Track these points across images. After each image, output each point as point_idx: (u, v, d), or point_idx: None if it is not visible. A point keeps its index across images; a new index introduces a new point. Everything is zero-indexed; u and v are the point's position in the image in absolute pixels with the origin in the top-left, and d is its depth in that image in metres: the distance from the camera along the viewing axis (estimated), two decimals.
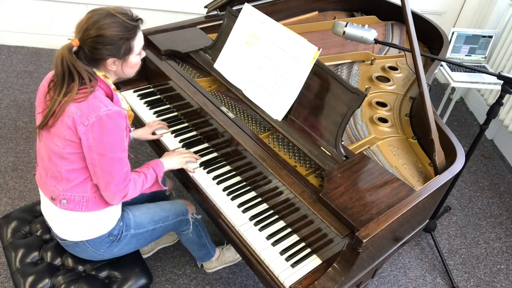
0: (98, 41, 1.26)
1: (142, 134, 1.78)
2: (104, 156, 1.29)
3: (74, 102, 1.26)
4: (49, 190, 1.40)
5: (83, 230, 1.43)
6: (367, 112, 1.80)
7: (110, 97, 1.35)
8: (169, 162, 1.58)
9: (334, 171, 1.36)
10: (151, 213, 1.59)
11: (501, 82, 1.66)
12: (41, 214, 1.69)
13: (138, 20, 1.35)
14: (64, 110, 1.27)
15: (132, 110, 1.91)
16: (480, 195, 2.68)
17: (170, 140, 1.77)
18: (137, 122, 1.90)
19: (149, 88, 2.03)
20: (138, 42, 1.36)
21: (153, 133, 1.79)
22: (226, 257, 2.05)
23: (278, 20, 1.66)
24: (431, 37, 2.37)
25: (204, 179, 1.61)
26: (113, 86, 1.39)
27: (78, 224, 1.42)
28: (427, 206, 1.52)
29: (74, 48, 1.28)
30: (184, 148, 1.73)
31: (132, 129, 1.72)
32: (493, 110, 1.78)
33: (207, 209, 1.59)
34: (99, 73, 1.35)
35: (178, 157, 1.61)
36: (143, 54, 1.42)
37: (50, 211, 1.46)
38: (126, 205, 1.59)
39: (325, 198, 1.27)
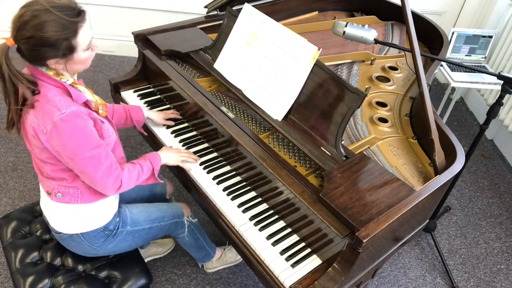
0: (33, 42, 1.14)
1: (155, 117, 1.78)
2: (74, 159, 1.25)
3: (29, 109, 1.21)
4: (44, 185, 1.41)
5: (78, 223, 1.43)
6: (367, 112, 1.80)
7: (68, 94, 1.25)
8: (166, 156, 1.58)
9: (334, 171, 1.36)
10: (148, 211, 1.59)
11: (501, 82, 1.66)
12: (40, 214, 1.69)
13: (80, 14, 1.18)
14: (23, 119, 1.24)
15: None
16: (480, 195, 2.68)
17: (170, 140, 1.77)
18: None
19: (149, 88, 2.03)
20: (83, 38, 1.20)
21: (167, 127, 1.81)
22: (227, 257, 2.05)
23: (278, 20, 1.66)
24: (431, 37, 2.37)
25: (204, 179, 1.61)
26: (70, 81, 1.27)
27: (73, 216, 1.42)
28: (427, 206, 1.51)
29: (12, 47, 1.16)
30: (184, 148, 1.73)
31: (145, 108, 1.72)
32: (493, 110, 1.78)
33: (207, 209, 1.59)
34: (49, 72, 1.23)
35: (176, 154, 1.61)
36: (95, 47, 1.28)
37: (47, 205, 1.46)
38: (123, 202, 1.59)
39: (325, 198, 1.27)
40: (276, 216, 1.51)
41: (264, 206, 1.54)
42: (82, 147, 1.24)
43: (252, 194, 1.58)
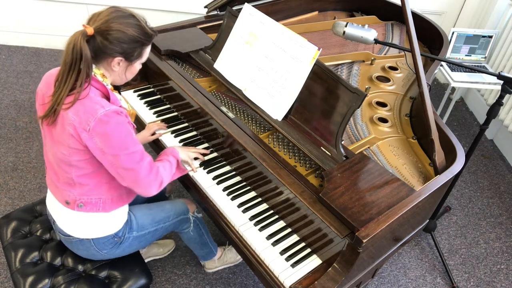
0: (116, 36, 1.22)
1: (143, 138, 1.76)
2: (119, 155, 1.25)
3: (69, 105, 1.22)
4: (63, 195, 1.39)
5: (91, 229, 1.43)
6: (367, 112, 1.80)
7: (107, 97, 1.31)
8: (181, 150, 1.58)
9: (334, 171, 1.36)
10: (152, 213, 1.59)
11: (501, 82, 1.66)
12: (41, 215, 1.69)
13: (154, 31, 1.34)
14: (64, 114, 1.23)
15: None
16: (480, 195, 2.68)
17: (170, 140, 1.77)
18: (137, 123, 1.90)
19: (149, 88, 2.03)
20: (148, 51, 1.35)
21: (153, 134, 1.79)
22: (228, 257, 2.05)
23: (278, 20, 1.66)
24: (431, 37, 2.37)
25: (204, 179, 1.61)
26: (110, 86, 1.35)
27: (88, 223, 1.42)
28: (427, 206, 1.51)
29: (86, 37, 1.21)
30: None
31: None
32: (493, 110, 1.78)
33: (207, 209, 1.59)
34: (98, 71, 1.30)
35: (187, 152, 1.61)
36: (141, 65, 1.40)
37: (59, 211, 1.44)
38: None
39: (325, 198, 1.27)
40: (276, 216, 1.51)
41: (264, 206, 1.54)
42: (127, 142, 1.26)
43: (252, 194, 1.58)
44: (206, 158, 1.70)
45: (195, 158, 1.65)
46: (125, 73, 1.35)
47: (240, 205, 1.53)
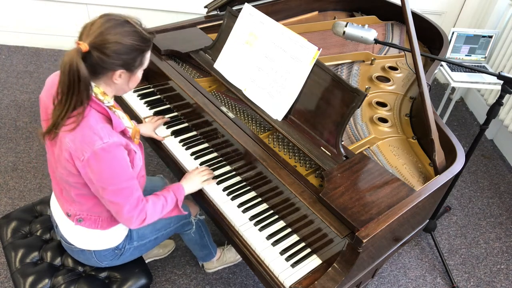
0: (114, 48, 1.12)
1: (145, 131, 1.73)
2: (106, 189, 1.21)
3: (67, 130, 1.16)
4: (64, 207, 1.39)
5: (93, 242, 1.44)
6: (367, 112, 1.80)
7: (108, 118, 1.23)
8: (190, 185, 1.52)
9: (334, 171, 1.36)
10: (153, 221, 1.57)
11: (501, 82, 1.66)
12: (41, 214, 1.69)
13: (151, 32, 1.24)
14: (59, 139, 1.20)
15: (132, 111, 1.91)
16: (480, 195, 2.68)
17: (170, 140, 1.77)
18: (137, 122, 1.90)
19: (149, 88, 2.03)
20: (148, 56, 1.26)
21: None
22: (227, 257, 2.05)
23: (278, 20, 1.66)
24: (431, 37, 2.37)
25: None
26: (111, 103, 1.26)
27: (89, 236, 1.42)
28: (427, 206, 1.51)
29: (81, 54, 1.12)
30: (185, 148, 1.73)
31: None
32: (493, 110, 1.78)
33: (207, 209, 1.59)
34: (98, 90, 1.20)
35: (197, 177, 1.54)
36: (142, 71, 1.32)
37: (62, 219, 1.44)
38: None
39: (325, 198, 1.27)
40: (276, 216, 1.51)
41: (264, 206, 1.54)
42: (118, 178, 1.21)
43: (252, 194, 1.58)
44: (206, 158, 1.70)
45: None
46: (128, 84, 1.27)
47: (240, 205, 1.53)
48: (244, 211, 1.51)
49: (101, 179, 1.20)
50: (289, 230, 1.47)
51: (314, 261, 1.39)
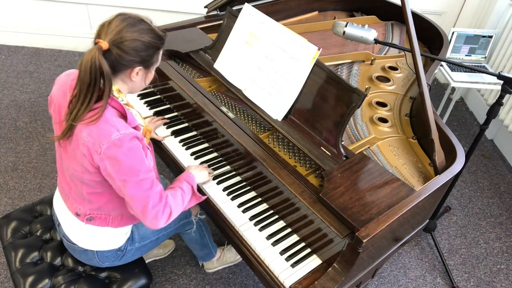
0: (133, 45, 1.16)
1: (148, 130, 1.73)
2: (127, 181, 1.21)
3: (85, 124, 1.17)
4: (73, 206, 1.38)
5: (97, 241, 1.43)
6: (367, 112, 1.80)
7: (124, 115, 1.25)
8: (198, 174, 1.51)
9: (334, 171, 1.36)
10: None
11: (501, 82, 1.66)
12: (41, 214, 1.69)
13: (163, 30, 1.28)
14: (75, 135, 1.20)
15: None
16: (480, 195, 2.68)
17: (170, 141, 1.77)
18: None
19: (149, 88, 2.03)
20: (161, 53, 1.30)
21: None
22: (227, 257, 2.05)
23: (278, 20, 1.66)
24: (431, 37, 2.37)
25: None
26: (125, 101, 1.28)
27: (95, 235, 1.42)
28: (427, 206, 1.51)
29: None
30: (185, 148, 1.73)
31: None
32: (493, 110, 1.78)
33: (207, 209, 1.59)
34: (114, 87, 1.23)
35: (203, 171, 1.54)
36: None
37: (68, 219, 1.44)
38: None
39: (325, 198, 1.27)
40: (276, 216, 1.51)
41: (264, 206, 1.54)
42: (137, 168, 1.21)
43: (252, 194, 1.58)
44: (206, 158, 1.70)
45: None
46: (144, 81, 1.30)
47: (240, 205, 1.53)
48: (244, 211, 1.51)
49: (120, 170, 1.20)
50: (289, 230, 1.47)
51: (314, 261, 1.39)
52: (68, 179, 1.34)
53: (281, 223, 1.49)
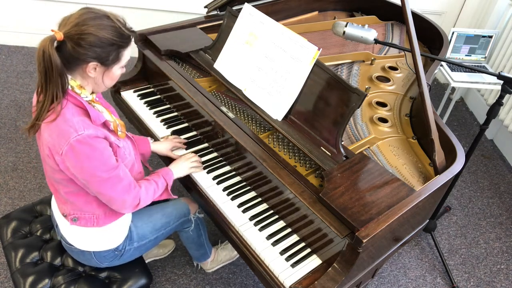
0: (88, 39, 1.13)
1: (162, 149, 1.69)
2: (90, 181, 1.22)
3: (46, 124, 1.16)
4: (60, 207, 1.40)
5: (93, 242, 1.44)
6: (367, 112, 1.80)
7: (86, 114, 1.22)
8: (178, 169, 1.55)
9: (334, 171, 1.36)
10: (153, 221, 1.56)
11: (501, 82, 1.66)
12: (41, 214, 1.69)
13: (133, 32, 1.24)
14: (40, 135, 1.20)
15: (132, 111, 1.91)
16: (480, 195, 2.68)
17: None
18: (137, 123, 1.90)
19: (149, 88, 2.03)
20: (127, 54, 1.25)
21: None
22: (221, 256, 2.05)
23: (278, 20, 1.66)
24: (431, 37, 2.37)
25: (204, 179, 1.61)
26: (89, 98, 1.25)
27: (88, 237, 1.42)
28: (427, 206, 1.51)
29: (56, 43, 1.13)
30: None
31: (151, 140, 1.66)
32: (493, 110, 1.78)
33: (207, 209, 1.59)
34: (74, 83, 1.21)
35: (185, 163, 1.58)
36: (124, 70, 1.30)
37: (61, 221, 1.44)
38: None
39: (325, 198, 1.27)
40: (276, 216, 1.51)
41: (264, 206, 1.54)
42: (98, 170, 1.20)
43: (252, 194, 1.58)
44: (206, 158, 1.70)
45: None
46: (103, 79, 1.24)
47: (240, 205, 1.53)
48: (244, 211, 1.51)
49: (82, 172, 1.20)
50: (289, 230, 1.47)
51: (314, 261, 1.39)
52: (48, 179, 1.35)
53: (281, 223, 1.49)
